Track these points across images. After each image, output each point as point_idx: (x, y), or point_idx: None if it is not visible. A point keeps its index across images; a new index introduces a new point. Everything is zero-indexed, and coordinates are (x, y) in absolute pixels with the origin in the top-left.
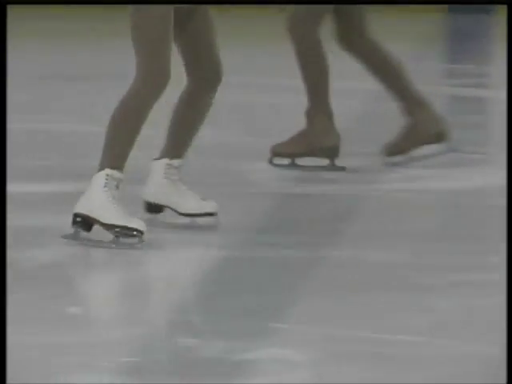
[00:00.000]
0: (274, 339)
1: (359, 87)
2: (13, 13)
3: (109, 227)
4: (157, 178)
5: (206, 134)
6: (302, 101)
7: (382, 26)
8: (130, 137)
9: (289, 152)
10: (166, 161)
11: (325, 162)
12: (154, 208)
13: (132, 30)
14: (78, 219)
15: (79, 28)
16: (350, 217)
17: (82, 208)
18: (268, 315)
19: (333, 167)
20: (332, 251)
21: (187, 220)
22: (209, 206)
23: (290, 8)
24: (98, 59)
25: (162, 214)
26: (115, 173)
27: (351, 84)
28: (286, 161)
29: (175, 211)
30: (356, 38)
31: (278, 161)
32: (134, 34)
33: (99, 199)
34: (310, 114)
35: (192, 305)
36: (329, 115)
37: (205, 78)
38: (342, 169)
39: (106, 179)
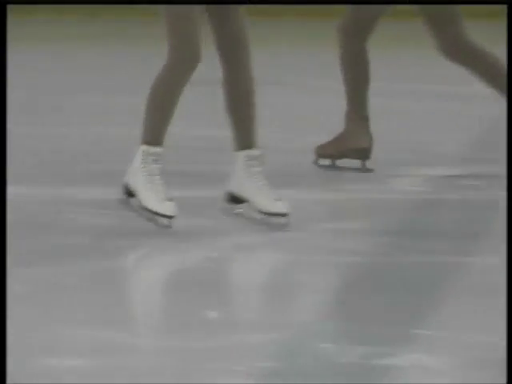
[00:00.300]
0: (416, 345)
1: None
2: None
3: (143, 209)
4: (238, 170)
5: None
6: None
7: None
8: (163, 113)
9: (328, 153)
10: (245, 152)
11: (357, 163)
12: (233, 199)
13: (162, 13)
14: (125, 190)
15: None
16: (490, 222)
17: (128, 179)
18: (409, 321)
19: (363, 169)
20: (475, 257)
21: (260, 217)
22: (282, 207)
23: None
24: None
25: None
26: (150, 148)
27: None
28: (327, 162)
29: (252, 206)
30: (462, 47)
31: (321, 162)
32: (164, 15)
33: (137, 177)
34: (347, 117)
35: (331, 309)
36: (364, 118)
37: (234, 51)
38: (370, 171)
39: (143, 156)
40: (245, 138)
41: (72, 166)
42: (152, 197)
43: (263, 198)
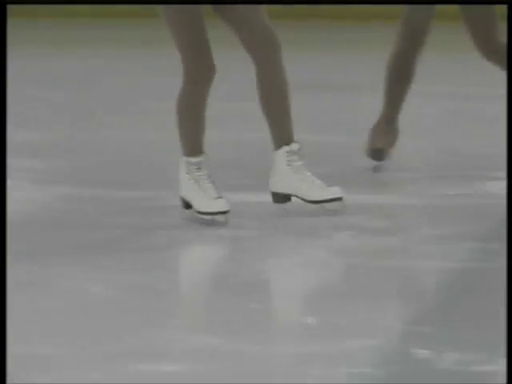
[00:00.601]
0: None
1: None
2: None
3: (199, 214)
4: (280, 168)
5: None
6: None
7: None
8: (194, 126)
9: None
10: (285, 149)
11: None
12: (281, 198)
13: (162, 22)
14: (183, 203)
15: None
16: None
17: (181, 192)
18: (504, 326)
19: (375, 170)
20: None
21: (315, 207)
22: (335, 192)
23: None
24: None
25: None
26: (190, 159)
27: None
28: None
29: (302, 199)
30: (498, 47)
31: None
32: (169, 30)
33: (186, 187)
34: (380, 117)
35: (424, 315)
36: (390, 120)
37: (261, 49)
38: (378, 171)
39: (186, 167)
40: (282, 134)
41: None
42: (203, 200)
43: (314, 187)
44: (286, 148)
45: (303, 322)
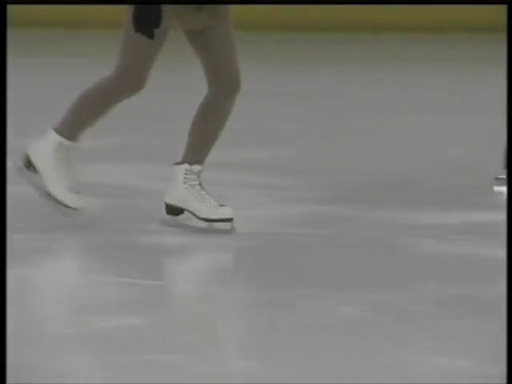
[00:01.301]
0: None
1: None
2: None
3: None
4: (176, 183)
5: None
6: None
7: None
8: (96, 113)
9: None
10: (185, 166)
11: None
12: (173, 210)
13: (124, 29)
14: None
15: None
16: None
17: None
18: None
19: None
20: None
21: (205, 225)
22: (226, 212)
23: None
24: None
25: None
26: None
27: None
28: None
29: (194, 215)
30: None
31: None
32: (124, 33)
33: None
34: None
35: None
36: None
37: (224, 88)
38: None
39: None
40: (195, 155)
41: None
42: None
43: (207, 205)
44: (187, 166)
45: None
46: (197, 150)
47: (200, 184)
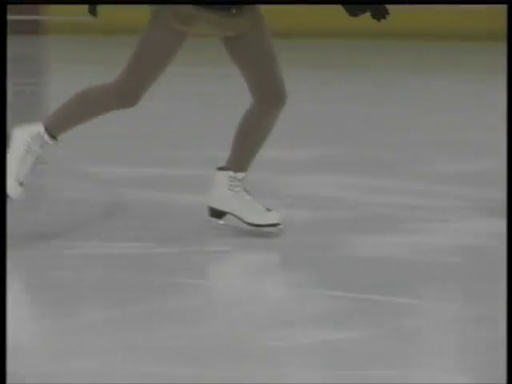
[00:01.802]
0: None
1: None
2: None
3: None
4: (220, 189)
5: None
6: None
7: None
8: (84, 116)
9: None
10: (230, 173)
11: None
12: (217, 213)
13: (141, 39)
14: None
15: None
16: None
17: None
18: None
19: None
20: None
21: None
22: (273, 217)
23: None
24: None
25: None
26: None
27: None
28: None
29: (241, 220)
30: None
31: None
32: (139, 45)
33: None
34: None
35: None
36: None
37: (267, 99)
38: None
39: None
40: (241, 162)
41: None
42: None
43: (253, 210)
44: (231, 173)
45: None
46: (241, 158)
47: (245, 189)
